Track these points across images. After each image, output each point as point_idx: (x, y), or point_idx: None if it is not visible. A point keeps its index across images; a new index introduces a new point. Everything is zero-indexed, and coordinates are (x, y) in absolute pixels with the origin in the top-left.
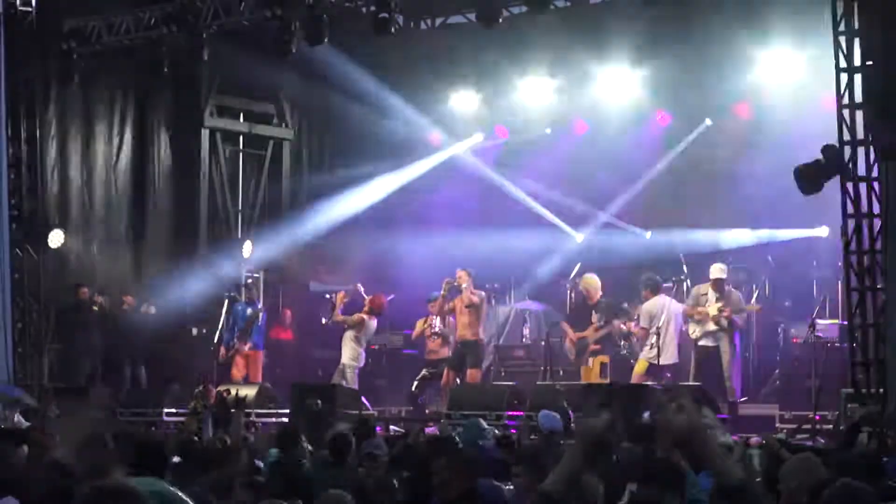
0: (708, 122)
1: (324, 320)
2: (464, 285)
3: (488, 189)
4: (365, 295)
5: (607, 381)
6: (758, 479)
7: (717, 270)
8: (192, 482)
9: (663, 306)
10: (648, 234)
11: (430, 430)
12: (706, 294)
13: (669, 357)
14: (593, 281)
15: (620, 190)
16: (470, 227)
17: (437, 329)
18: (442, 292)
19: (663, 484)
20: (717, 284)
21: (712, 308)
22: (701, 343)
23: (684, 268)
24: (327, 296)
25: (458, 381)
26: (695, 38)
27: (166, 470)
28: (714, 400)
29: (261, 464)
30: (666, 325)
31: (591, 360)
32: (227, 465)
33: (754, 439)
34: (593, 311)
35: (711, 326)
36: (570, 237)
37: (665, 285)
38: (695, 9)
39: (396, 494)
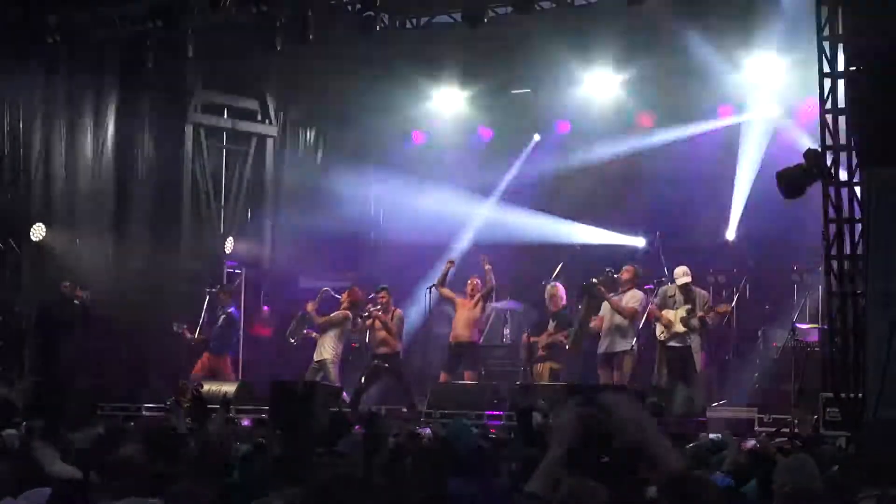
0: None
1: (291, 340)
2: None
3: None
4: (337, 296)
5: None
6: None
7: (682, 274)
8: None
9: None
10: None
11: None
12: (673, 296)
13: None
14: (554, 290)
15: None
16: (455, 225)
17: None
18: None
19: None
20: (684, 288)
21: (680, 311)
22: (670, 344)
23: (665, 269)
24: (302, 313)
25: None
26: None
27: None
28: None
29: None
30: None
31: (538, 365)
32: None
33: (750, 443)
34: (551, 320)
35: (680, 328)
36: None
37: (647, 287)
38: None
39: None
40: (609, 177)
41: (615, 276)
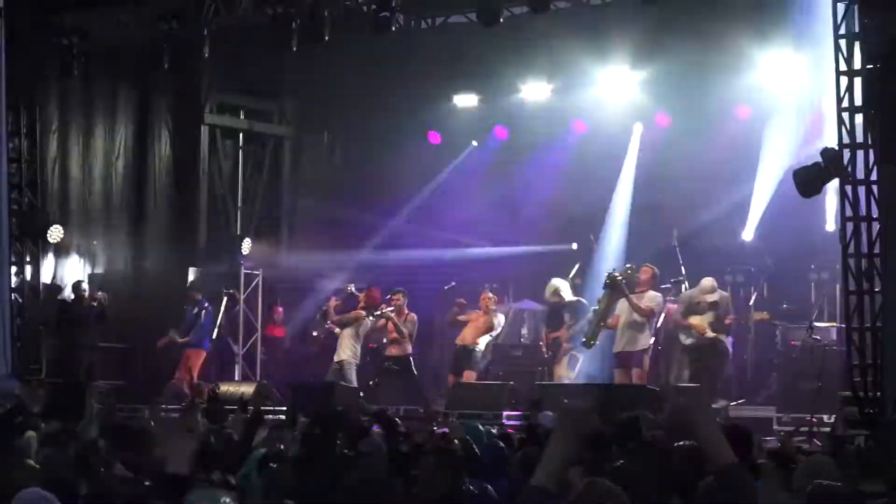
0: None
1: (315, 333)
2: (492, 307)
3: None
4: (357, 293)
5: (574, 374)
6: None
7: (710, 290)
8: None
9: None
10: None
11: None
12: (700, 302)
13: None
14: (554, 287)
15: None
16: (472, 227)
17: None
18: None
19: None
20: (714, 301)
21: (707, 316)
22: (696, 345)
23: (682, 269)
24: (324, 307)
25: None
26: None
27: None
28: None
29: None
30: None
31: (563, 358)
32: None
33: (771, 444)
34: (563, 312)
35: (710, 334)
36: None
37: (664, 286)
38: (696, 9)
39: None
40: (625, 176)
41: (635, 273)
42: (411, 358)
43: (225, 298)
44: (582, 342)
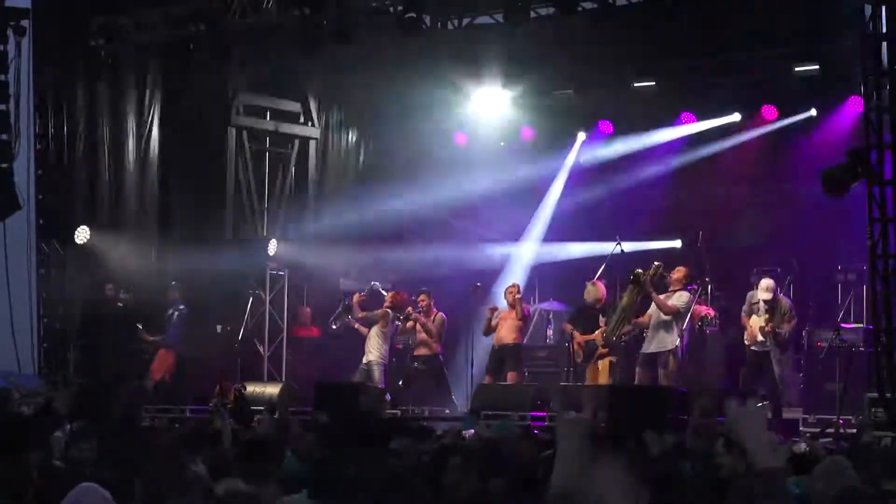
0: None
1: (334, 326)
2: (518, 296)
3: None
4: (384, 292)
5: (613, 380)
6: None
7: (764, 289)
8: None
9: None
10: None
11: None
12: (758, 302)
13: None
14: (595, 290)
15: None
16: (498, 227)
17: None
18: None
19: None
20: (766, 301)
21: (759, 319)
22: (751, 348)
23: (707, 269)
24: (347, 301)
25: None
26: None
27: None
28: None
29: None
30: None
31: (599, 362)
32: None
33: (801, 446)
34: (601, 315)
35: (759, 336)
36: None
37: (690, 287)
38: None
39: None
40: (650, 177)
41: (665, 273)
42: (440, 358)
43: (251, 299)
44: (603, 337)
